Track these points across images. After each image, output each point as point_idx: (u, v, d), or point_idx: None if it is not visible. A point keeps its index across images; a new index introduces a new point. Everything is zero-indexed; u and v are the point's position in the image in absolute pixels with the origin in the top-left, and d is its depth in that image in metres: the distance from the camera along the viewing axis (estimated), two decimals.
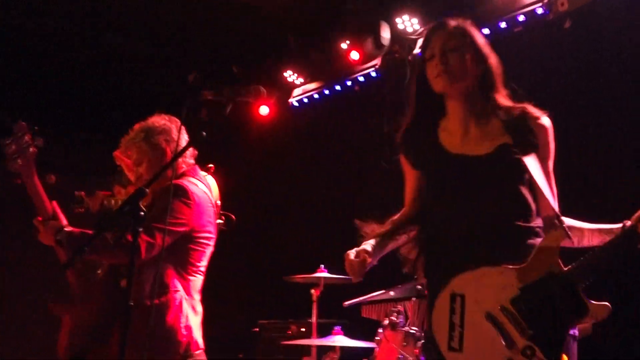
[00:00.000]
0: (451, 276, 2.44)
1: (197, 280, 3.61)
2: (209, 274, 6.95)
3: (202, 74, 7.47)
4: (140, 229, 2.87)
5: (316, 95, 7.25)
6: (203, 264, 3.62)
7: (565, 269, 2.32)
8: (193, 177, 3.55)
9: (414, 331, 4.19)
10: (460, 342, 2.42)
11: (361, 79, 6.75)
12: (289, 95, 7.43)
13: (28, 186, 3.30)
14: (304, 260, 5.14)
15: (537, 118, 2.62)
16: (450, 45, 2.65)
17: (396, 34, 6.21)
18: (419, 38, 6.10)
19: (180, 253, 3.40)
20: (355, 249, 2.72)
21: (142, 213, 2.56)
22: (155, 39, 7.29)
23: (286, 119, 7.55)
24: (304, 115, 7.44)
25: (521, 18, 5.48)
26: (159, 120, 3.61)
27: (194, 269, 3.50)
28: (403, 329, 4.21)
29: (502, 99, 2.68)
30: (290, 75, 7.27)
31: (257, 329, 6.41)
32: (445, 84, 2.64)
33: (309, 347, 4.65)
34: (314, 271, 4.67)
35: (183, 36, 7.26)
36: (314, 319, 4.68)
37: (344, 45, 6.54)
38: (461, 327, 2.43)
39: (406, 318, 4.60)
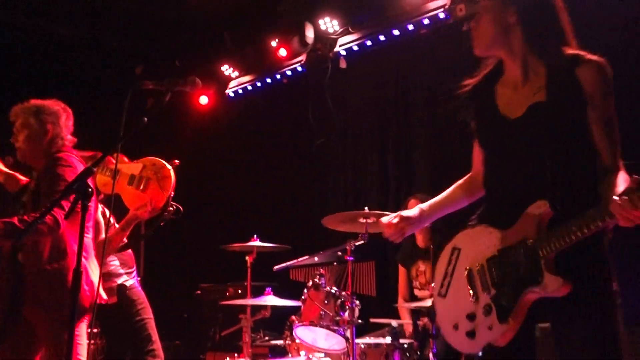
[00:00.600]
0: None
1: (89, 239, 3.42)
2: (159, 245, 6.91)
3: (148, 67, 7.38)
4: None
5: (249, 87, 7.19)
6: (90, 223, 3.50)
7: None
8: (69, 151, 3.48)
9: (334, 291, 4.21)
10: (447, 290, 2.37)
11: (289, 72, 6.72)
12: (226, 86, 7.36)
13: None
14: (240, 231, 5.09)
15: (585, 64, 2.16)
16: (479, 10, 2.35)
17: (319, 34, 6.20)
18: (339, 37, 6.11)
19: (72, 216, 3.20)
20: (396, 214, 2.56)
21: (90, 189, 2.42)
22: (103, 32, 7.11)
23: (223, 107, 7.48)
24: (239, 104, 7.38)
25: (426, 21, 5.51)
26: (55, 104, 3.54)
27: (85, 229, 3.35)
28: (325, 289, 4.22)
29: (556, 48, 2.24)
30: (226, 69, 7.19)
31: (199, 292, 6.38)
32: (478, 50, 2.37)
33: (244, 306, 4.62)
34: (248, 240, 4.64)
35: (133, 32, 7.12)
36: (248, 282, 4.66)
37: (273, 43, 6.49)
38: (450, 277, 2.37)
39: (329, 280, 4.65)
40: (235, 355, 4.43)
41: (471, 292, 2.26)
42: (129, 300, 4.30)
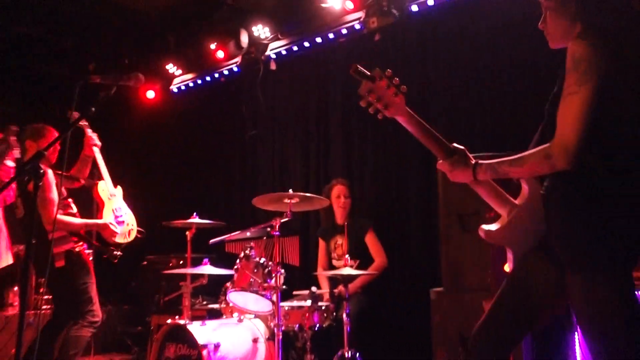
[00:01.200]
0: None
1: None
2: None
3: (100, 64, 7.18)
4: None
5: (191, 84, 7.10)
6: None
7: None
8: None
9: (262, 261, 4.23)
10: None
11: (226, 72, 6.67)
12: (170, 83, 7.25)
13: None
14: (181, 209, 5.05)
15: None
16: (543, 10, 2.16)
17: (252, 39, 6.17)
18: (269, 42, 6.10)
19: None
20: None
21: (42, 171, 2.33)
22: (59, 32, 6.88)
23: (168, 101, 7.37)
24: (182, 99, 7.28)
25: (344, 31, 5.56)
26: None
27: None
28: (254, 259, 4.23)
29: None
30: (171, 68, 7.06)
31: (145, 262, 6.29)
32: (552, 44, 2.19)
33: (184, 274, 4.58)
34: (189, 217, 4.60)
35: (87, 33, 6.90)
36: (188, 254, 4.62)
37: (212, 46, 6.41)
38: None
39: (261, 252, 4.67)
40: (177, 317, 4.39)
41: None
42: (75, 265, 4.22)
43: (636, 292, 2.05)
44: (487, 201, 2.29)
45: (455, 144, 2.29)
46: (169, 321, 4.37)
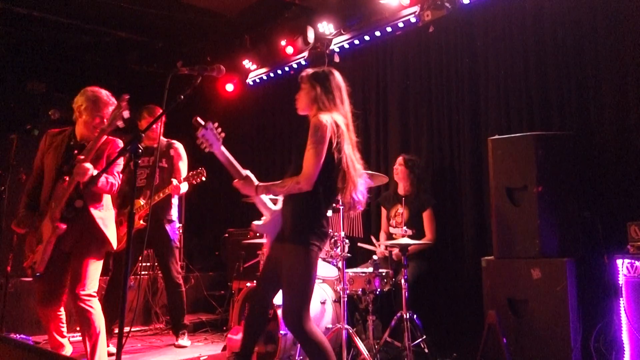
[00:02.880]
0: None
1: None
2: (197, 200, 6.95)
3: (186, 62, 7.38)
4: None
5: (264, 77, 7.18)
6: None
7: None
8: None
9: (329, 232, 4.25)
10: None
11: (294, 66, 6.71)
12: (246, 77, 7.36)
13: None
14: None
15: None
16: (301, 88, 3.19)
17: (318, 35, 6.17)
18: (333, 37, 6.09)
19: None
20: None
21: (140, 150, 2.44)
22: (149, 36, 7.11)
23: (245, 93, 7.49)
24: (257, 91, 7.38)
25: (401, 24, 5.49)
26: (102, 91, 3.47)
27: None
28: None
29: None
30: (247, 63, 7.17)
31: (227, 235, 6.46)
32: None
33: (261, 244, 4.69)
34: None
35: (176, 36, 7.11)
36: None
37: (282, 42, 6.48)
38: None
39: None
40: (254, 281, 4.50)
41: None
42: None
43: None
44: (259, 208, 3.19)
45: (247, 172, 3.11)
46: (248, 284, 4.48)
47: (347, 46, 6.00)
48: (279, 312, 3.96)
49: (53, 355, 1.43)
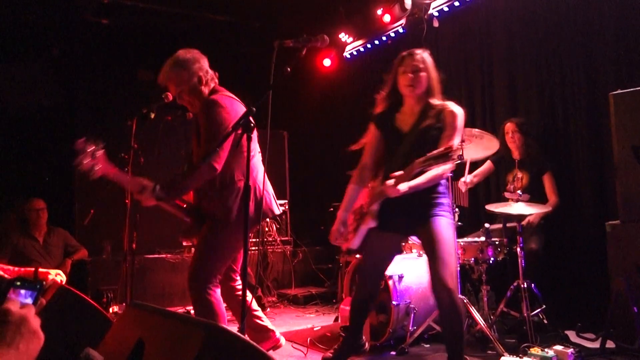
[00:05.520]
0: None
1: (256, 161, 3.23)
2: (302, 174, 7.10)
3: (283, 40, 7.47)
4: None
5: (362, 49, 7.13)
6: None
7: None
8: (221, 91, 3.20)
9: None
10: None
11: (392, 34, 6.59)
12: (343, 50, 7.34)
13: (112, 177, 2.95)
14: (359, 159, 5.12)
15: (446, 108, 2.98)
16: (419, 67, 3.03)
17: (415, 1, 6.02)
18: (431, 2, 5.91)
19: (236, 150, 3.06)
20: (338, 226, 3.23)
21: (252, 125, 2.56)
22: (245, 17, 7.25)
23: (342, 67, 7.47)
24: (354, 64, 7.34)
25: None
26: (186, 52, 3.23)
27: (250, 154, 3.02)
28: None
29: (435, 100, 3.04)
30: (343, 36, 7.15)
31: (332, 209, 6.53)
32: (411, 93, 3.04)
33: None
34: None
35: (270, 15, 7.21)
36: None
37: (379, 11, 6.39)
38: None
39: None
40: (358, 255, 4.53)
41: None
42: None
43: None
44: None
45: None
46: (357, 256, 4.52)
47: (446, 9, 5.80)
48: (390, 282, 3.98)
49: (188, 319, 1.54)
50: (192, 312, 3.36)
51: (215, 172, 2.98)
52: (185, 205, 3.21)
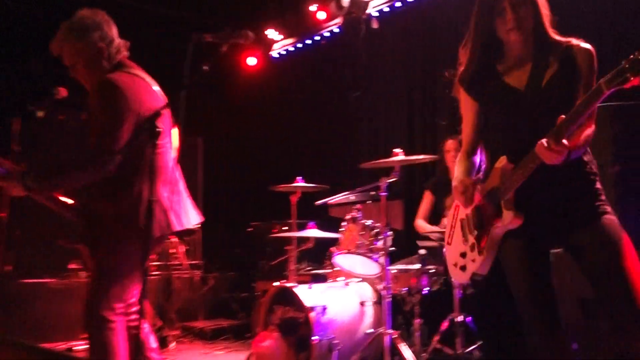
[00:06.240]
0: None
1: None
2: (216, 188, 7.03)
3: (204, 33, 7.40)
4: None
5: (292, 48, 7.19)
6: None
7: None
8: (129, 67, 2.97)
9: (369, 223, 4.26)
10: (451, 238, 2.60)
11: (327, 34, 6.70)
12: (270, 49, 7.37)
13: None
14: (285, 174, 5.14)
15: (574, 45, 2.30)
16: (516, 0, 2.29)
17: None
18: (371, 0, 6.05)
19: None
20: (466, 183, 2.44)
21: (158, 129, 2.42)
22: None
23: (269, 67, 7.51)
24: (283, 64, 7.40)
25: None
26: (87, 15, 2.97)
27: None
28: (361, 221, 4.28)
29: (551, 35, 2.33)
30: (271, 33, 7.18)
31: (251, 229, 6.49)
32: (518, 37, 2.31)
33: (290, 238, 4.69)
34: (293, 181, 4.68)
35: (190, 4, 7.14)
36: (293, 218, 4.72)
37: (313, 7, 6.47)
38: (453, 228, 2.58)
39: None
40: (282, 281, 4.51)
41: (463, 236, 2.49)
42: None
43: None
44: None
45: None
46: (275, 284, 4.50)
47: (387, 9, 5.95)
48: (312, 315, 3.97)
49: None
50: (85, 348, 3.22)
51: (106, 172, 2.76)
52: (73, 204, 2.96)
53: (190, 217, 3.10)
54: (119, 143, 2.74)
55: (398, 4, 5.87)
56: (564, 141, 2.01)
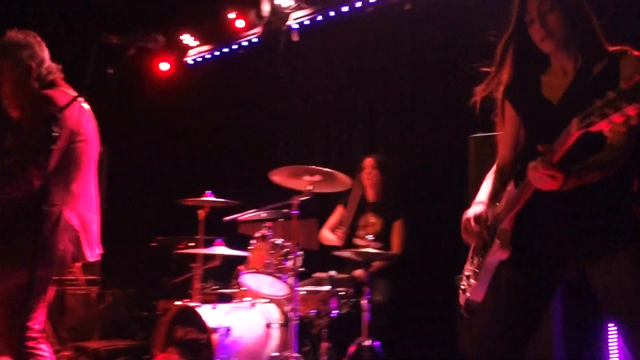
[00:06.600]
0: None
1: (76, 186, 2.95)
2: (120, 197, 6.85)
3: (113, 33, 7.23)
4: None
5: (208, 56, 7.13)
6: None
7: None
8: (62, 86, 2.97)
9: (279, 242, 4.26)
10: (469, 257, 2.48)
11: (245, 43, 6.68)
12: (185, 54, 7.29)
13: None
14: (194, 187, 5.06)
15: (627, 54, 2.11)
16: (546, 7, 2.16)
17: (274, 8, 6.16)
18: (292, 12, 6.09)
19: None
20: (474, 212, 2.35)
21: (55, 134, 2.39)
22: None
23: (182, 74, 7.40)
24: (198, 71, 7.31)
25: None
26: (17, 35, 2.95)
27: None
28: (271, 240, 4.27)
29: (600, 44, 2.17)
30: (186, 39, 7.11)
31: (155, 244, 6.35)
32: (552, 46, 2.19)
33: (196, 255, 4.62)
34: (202, 195, 4.62)
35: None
36: (200, 234, 4.66)
37: (231, 15, 6.44)
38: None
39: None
40: (186, 300, 4.43)
41: (470, 258, 2.41)
42: None
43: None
44: None
45: None
46: (177, 303, 4.41)
47: (307, 22, 6.01)
48: (214, 337, 3.92)
49: None
50: None
51: (30, 187, 2.69)
52: None
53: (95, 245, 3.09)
54: (52, 157, 2.65)
55: (319, 18, 5.93)
56: (553, 164, 1.85)
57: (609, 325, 3.41)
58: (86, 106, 3.04)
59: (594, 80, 2.09)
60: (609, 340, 3.41)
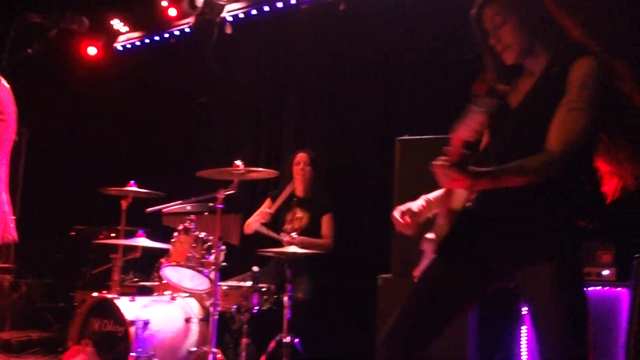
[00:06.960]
0: None
1: None
2: (38, 184, 6.63)
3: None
4: None
5: (138, 43, 7.00)
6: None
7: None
8: None
9: (202, 235, 4.23)
10: None
11: (177, 33, 6.60)
12: (115, 40, 7.13)
13: None
14: (117, 176, 4.96)
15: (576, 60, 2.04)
16: (498, 21, 2.14)
17: None
18: (226, 4, 6.04)
19: None
20: (408, 205, 2.36)
21: None
22: None
23: (111, 60, 7.24)
24: (128, 58, 7.15)
25: None
26: None
27: None
28: (194, 233, 4.23)
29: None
30: (116, 24, 6.95)
31: (74, 233, 6.20)
32: (512, 57, 2.17)
33: (116, 246, 4.53)
34: (125, 185, 4.53)
35: None
36: (122, 224, 4.57)
37: (164, 3, 6.35)
38: None
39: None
40: (104, 292, 4.34)
41: None
42: None
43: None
44: None
45: None
46: (95, 294, 4.32)
47: (242, 16, 5.99)
48: (132, 330, 3.86)
49: None
50: None
51: None
52: None
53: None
54: None
55: (254, 12, 5.91)
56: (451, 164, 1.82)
57: (521, 328, 3.55)
58: (6, 85, 2.92)
59: (548, 83, 2.06)
60: (520, 343, 3.54)
